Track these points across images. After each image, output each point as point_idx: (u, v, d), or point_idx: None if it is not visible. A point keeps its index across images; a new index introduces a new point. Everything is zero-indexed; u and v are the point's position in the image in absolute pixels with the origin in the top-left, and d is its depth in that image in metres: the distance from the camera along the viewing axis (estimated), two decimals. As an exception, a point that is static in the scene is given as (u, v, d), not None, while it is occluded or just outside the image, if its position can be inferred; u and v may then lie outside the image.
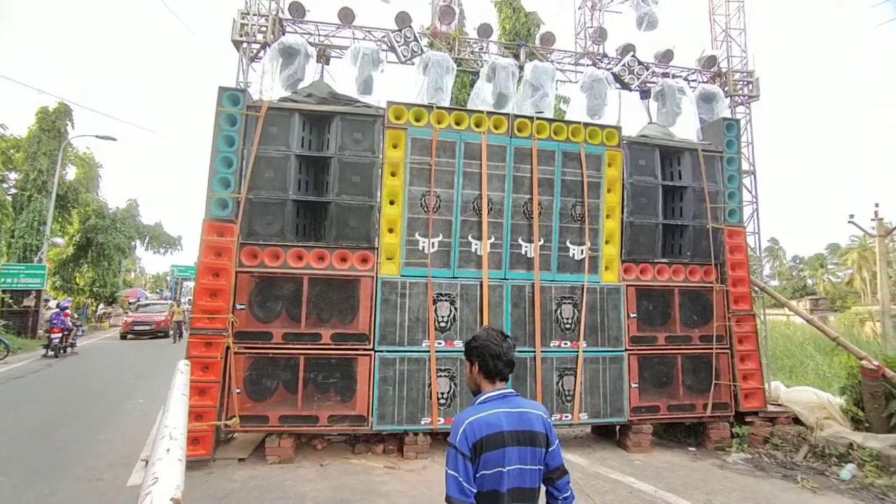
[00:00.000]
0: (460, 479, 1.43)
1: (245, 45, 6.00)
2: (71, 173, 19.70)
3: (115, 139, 16.23)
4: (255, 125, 4.88)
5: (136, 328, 17.38)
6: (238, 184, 4.82)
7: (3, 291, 14.56)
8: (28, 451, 4.88)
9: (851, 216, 12.97)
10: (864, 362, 5.32)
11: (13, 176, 17.25)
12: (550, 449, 1.58)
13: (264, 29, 6.00)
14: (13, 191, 16.90)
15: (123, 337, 17.36)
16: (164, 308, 19.12)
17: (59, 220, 18.86)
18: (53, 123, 16.95)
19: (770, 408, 5.67)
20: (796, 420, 5.64)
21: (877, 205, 12.31)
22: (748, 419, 5.49)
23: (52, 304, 16.05)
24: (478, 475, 1.45)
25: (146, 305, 20.08)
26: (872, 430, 5.10)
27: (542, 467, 1.56)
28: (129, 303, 24.47)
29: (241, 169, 4.85)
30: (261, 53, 6.08)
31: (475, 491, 1.44)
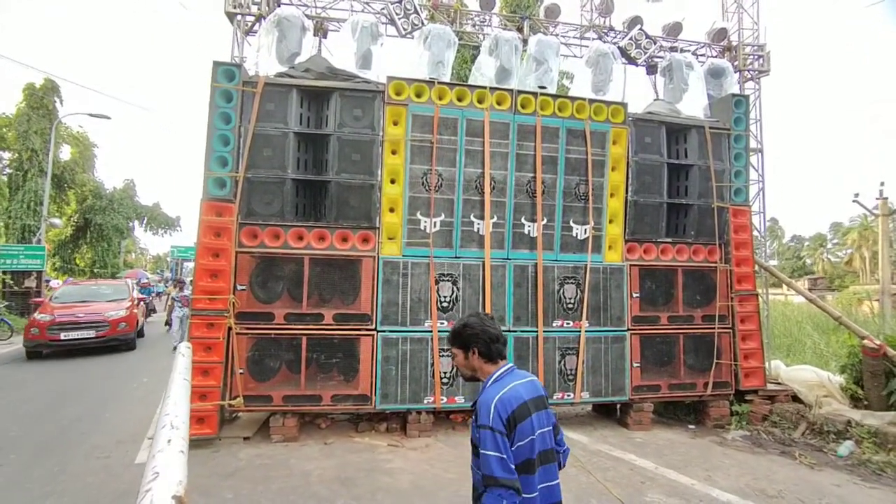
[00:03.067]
0: (504, 458, 1.46)
1: (239, 17, 5.79)
2: (66, 153, 19.41)
3: (108, 117, 15.88)
4: (252, 102, 4.74)
5: (63, 337, 8.72)
6: (236, 162, 4.72)
7: (4, 272, 14.53)
8: (36, 429, 4.94)
9: (856, 195, 12.88)
10: (865, 341, 5.33)
11: (6, 156, 17.00)
12: (549, 409, 1.71)
13: (259, 0, 5.79)
14: (7, 171, 16.69)
15: (34, 355, 8.84)
16: (119, 294, 10.48)
17: (57, 200, 18.66)
18: (41, 100, 16.56)
19: (770, 386, 5.71)
20: (795, 398, 5.69)
21: (882, 184, 12.22)
22: (748, 397, 5.53)
23: (54, 284, 16.04)
24: (514, 448, 1.50)
25: (84, 296, 10.23)
26: (871, 407, 5.15)
27: (551, 427, 1.67)
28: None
29: (239, 147, 4.74)
30: (256, 26, 5.88)
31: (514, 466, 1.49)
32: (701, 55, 6.99)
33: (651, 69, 6.67)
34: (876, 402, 5.14)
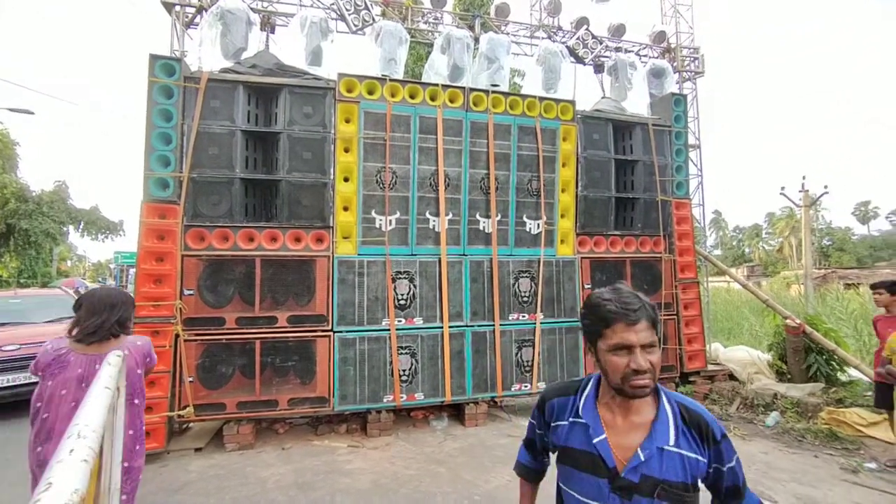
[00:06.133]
0: None
1: (178, 8, 5.51)
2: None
3: (31, 112, 14.56)
4: (195, 98, 4.53)
5: None
6: (179, 162, 4.50)
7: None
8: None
9: (783, 188, 13.92)
10: (788, 321, 5.83)
11: None
12: None
13: (199, -9, 5.53)
14: None
15: None
16: (63, 309, 6.54)
17: (-30, 205, 17.01)
18: None
19: (710, 367, 6.12)
20: (731, 376, 6.13)
21: (804, 177, 13.28)
22: (691, 378, 5.90)
23: None
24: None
25: (8, 316, 6.34)
26: (794, 380, 5.65)
27: None
28: None
29: (182, 146, 4.52)
30: (197, 19, 5.61)
31: None
32: (644, 56, 7.33)
33: (598, 68, 6.93)
34: (798, 375, 5.65)
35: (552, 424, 1.28)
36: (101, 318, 2.18)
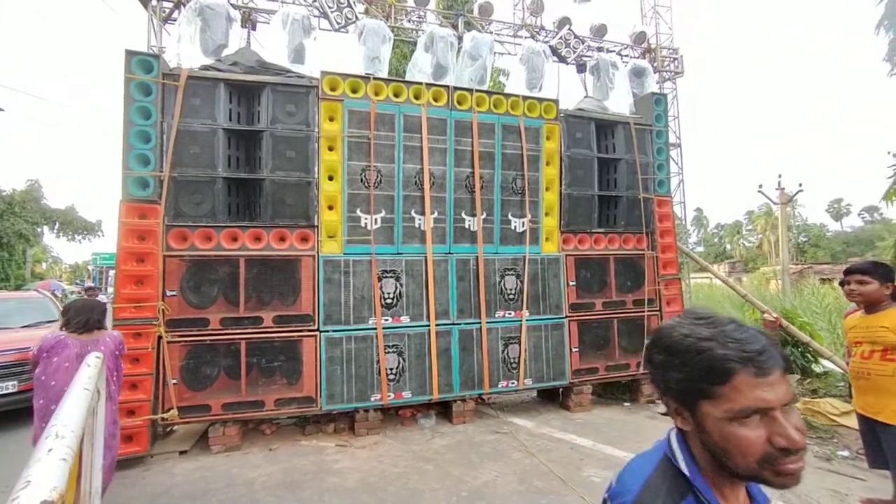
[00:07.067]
0: None
1: (155, 3, 5.40)
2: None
3: (0, 109, 14.16)
4: (175, 95, 4.46)
5: None
6: (159, 161, 4.42)
7: None
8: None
9: (760, 186, 14.28)
10: (765, 315, 5.96)
11: None
12: None
13: (178, -13, 5.43)
14: None
15: None
16: (40, 312, 6.53)
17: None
18: None
19: (692, 361, 6.24)
20: (714, 370, 6.27)
21: (780, 175, 13.65)
22: (674, 373, 6.02)
23: None
24: None
25: None
26: (774, 373, 5.80)
27: None
28: None
29: (162, 144, 4.44)
30: (175, 14, 5.51)
31: None
32: (625, 56, 7.45)
33: (580, 68, 7.02)
34: (777, 368, 5.80)
35: None
36: (86, 316, 3.17)
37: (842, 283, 3.05)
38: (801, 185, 14.13)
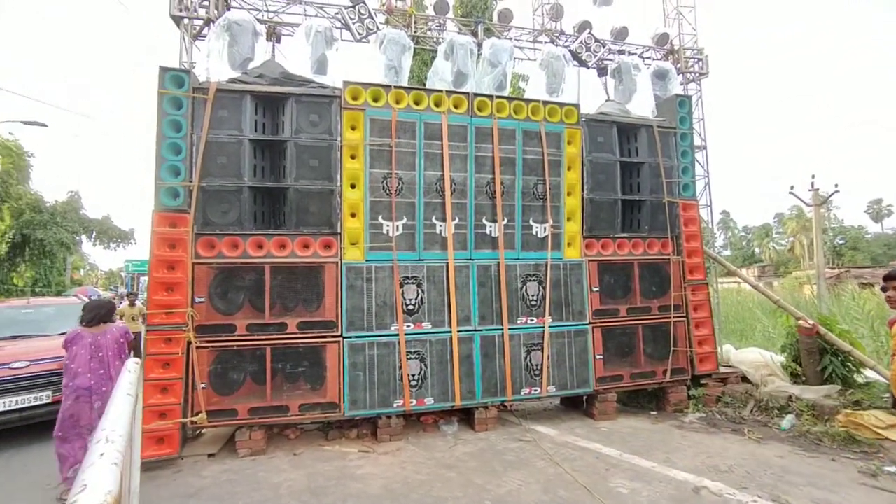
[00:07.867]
0: None
1: (186, 21, 5.62)
2: (-5, 165, 18.03)
3: (45, 125, 14.81)
4: (204, 108, 4.62)
5: None
6: (189, 171, 4.58)
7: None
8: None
9: (791, 187, 13.79)
10: (800, 322, 5.75)
11: None
12: None
13: (206, 3, 5.63)
14: None
15: None
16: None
17: (-13, 217, 17.33)
18: None
19: (721, 369, 6.05)
20: (744, 379, 6.05)
21: (813, 176, 13.15)
22: (703, 381, 5.84)
23: None
24: None
25: (17, 328, 5.93)
26: (808, 383, 5.56)
27: None
28: None
29: (192, 155, 4.60)
30: (205, 30, 5.72)
31: None
32: (647, 58, 7.33)
33: (601, 71, 6.94)
34: (812, 377, 5.56)
35: None
36: (94, 313, 3.95)
37: (883, 289, 2.91)
38: (836, 185, 13.59)
